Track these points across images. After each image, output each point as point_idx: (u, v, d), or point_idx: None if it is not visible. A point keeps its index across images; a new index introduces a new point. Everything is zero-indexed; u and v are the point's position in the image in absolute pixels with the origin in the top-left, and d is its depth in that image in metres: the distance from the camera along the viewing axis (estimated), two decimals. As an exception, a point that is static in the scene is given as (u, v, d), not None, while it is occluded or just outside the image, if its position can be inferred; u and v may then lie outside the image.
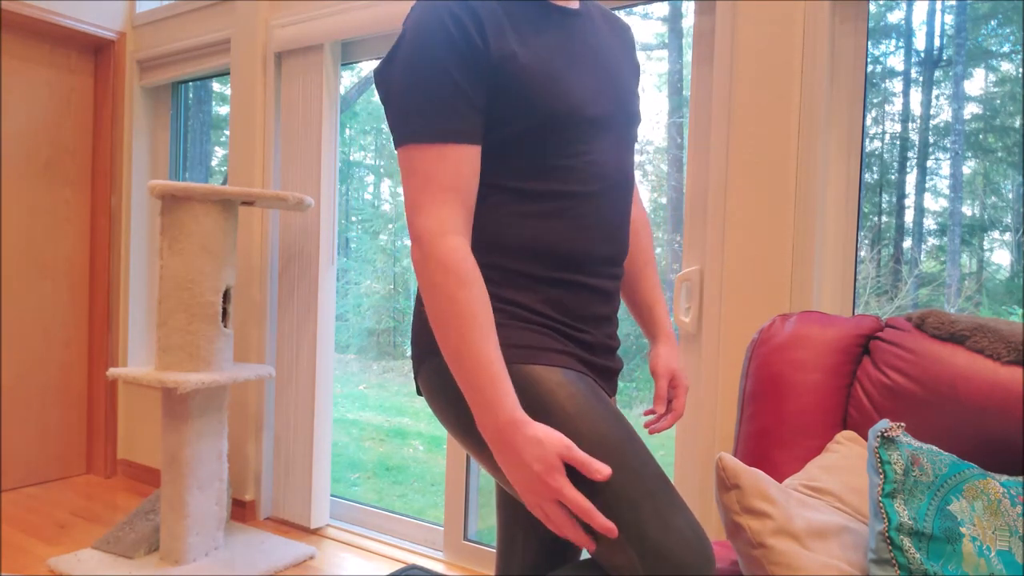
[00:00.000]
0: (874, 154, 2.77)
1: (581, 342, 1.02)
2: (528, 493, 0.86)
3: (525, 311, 0.98)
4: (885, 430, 1.02)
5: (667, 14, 5.00)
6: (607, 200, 1.01)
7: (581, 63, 1.00)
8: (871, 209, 2.88)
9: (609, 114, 1.01)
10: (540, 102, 0.94)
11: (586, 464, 0.84)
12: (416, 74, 0.91)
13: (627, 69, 1.09)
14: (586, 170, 0.99)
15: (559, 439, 0.85)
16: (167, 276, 2.21)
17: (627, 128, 1.06)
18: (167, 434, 2.23)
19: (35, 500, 2.88)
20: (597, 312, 1.04)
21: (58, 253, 3.10)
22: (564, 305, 1.00)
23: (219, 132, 4.40)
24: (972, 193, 2.93)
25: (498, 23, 0.94)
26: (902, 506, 0.97)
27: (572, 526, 0.85)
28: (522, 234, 0.97)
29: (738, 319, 1.74)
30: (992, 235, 2.93)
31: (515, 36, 0.95)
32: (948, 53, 2.79)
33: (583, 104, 0.98)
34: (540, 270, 0.98)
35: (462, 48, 0.91)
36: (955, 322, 1.23)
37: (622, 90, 1.05)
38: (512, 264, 0.98)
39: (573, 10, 1.03)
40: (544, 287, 0.99)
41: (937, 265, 3.00)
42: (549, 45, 0.98)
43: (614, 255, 1.04)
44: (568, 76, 0.97)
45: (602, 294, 1.04)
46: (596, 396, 0.94)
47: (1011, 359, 1.14)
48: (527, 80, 0.93)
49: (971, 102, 2.84)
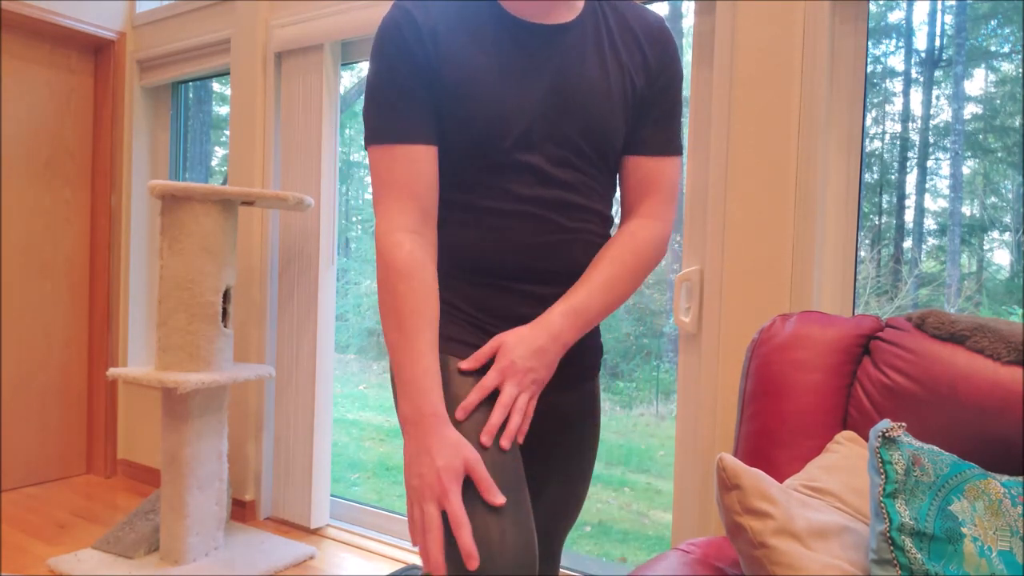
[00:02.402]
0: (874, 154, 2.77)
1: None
2: (419, 488, 0.86)
3: (449, 307, 1.02)
4: (886, 430, 1.02)
5: (667, 14, 5.00)
6: (527, 220, 0.99)
7: (529, 81, 0.97)
8: (871, 209, 2.88)
9: (549, 137, 0.98)
10: (464, 117, 0.96)
11: (486, 484, 0.86)
12: (373, 78, 0.97)
13: (613, 83, 1.02)
14: (507, 189, 0.98)
15: (471, 451, 0.87)
16: (167, 276, 2.21)
17: (581, 143, 1.00)
18: (167, 434, 2.23)
19: (35, 500, 2.88)
20: (525, 313, 1.02)
21: (58, 253, 3.10)
22: (487, 304, 1.01)
23: (219, 132, 4.40)
24: (972, 193, 2.93)
25: (443, 31, 0.96)
26: (903, 506, 0.97)
27: (435, 535, 0.84)
28: (443, 240, 1.02)
29: (738, 319, 1.74)
30: (992, 235, 2.93)
31: (457, 48, 0.96)
32: (948, 53, 2.79)
33: (511, 124, 0.96)
34: (460, 273, 1.02)
35: (408, 50, 0.95)
36: (955, 322, 1.23)
37: (581, 107, 0.99)
38: (441, 265, 1.03)
39: (546, 26, 1.00)
40: (462, 285, 1.02)
41: (937, 265, 3.00)
42: (493, 62, 0.96)
43: (538, 269, 1.01)
44: (502, 95, 0.96)
45: (530, 296, 1.02)
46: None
47: (1011, 359, 1.14)
48: (456, 94, 0.95)
49: (971, 102, 2.84)
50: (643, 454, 4.70)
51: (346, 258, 6.81)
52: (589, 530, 3.70)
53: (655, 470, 4.46)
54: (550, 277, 1.02)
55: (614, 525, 3.77)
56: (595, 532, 3.68)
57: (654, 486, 4.28)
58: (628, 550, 3.49)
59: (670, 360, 5.05)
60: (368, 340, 6.93)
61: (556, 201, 1.00)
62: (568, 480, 1.13)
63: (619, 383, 5.31)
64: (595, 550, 3.48)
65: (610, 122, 1.02)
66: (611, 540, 3.59)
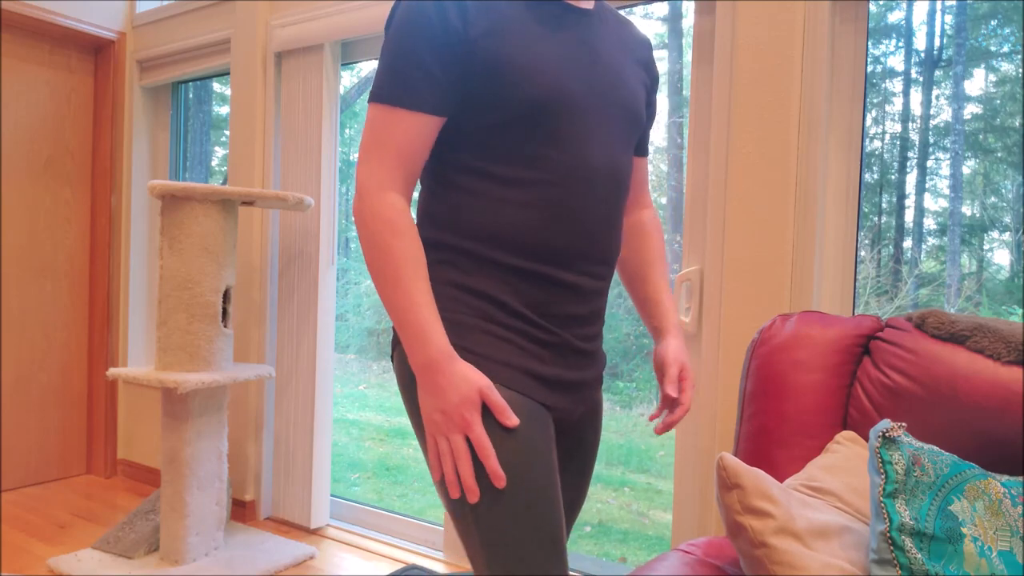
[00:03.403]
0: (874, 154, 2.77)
1: (546, 343, 1.00)
2: (440, 423, 0.91)
3: (489, 303, 0.98)
4: (886, 430, 1.02)
5: (667, 14, 5.00)
6: (588, 195, 0.99)
7: (574, 57, 0.99)
8: (871, 209, 2.88)
9: (599, 109, 1.00)
10: (518, 89, 0.94)
11: (501, 408, 0.91)
12: (393, 41, 0.96)
13: (632, 74, 1.08)
14: (565, 162, 0.97)
15: (482, 377, 0.92)
16: (167, 276, 2.21)
17: (624, 126, 1.04)
18: (167, 434, 2.23)
19: (35, 500, 2.88)
20: (569, 311, 1.02)
21: (58, 253, 3.10)
22: (532, 300, 0.99)
23: (219, 132, 4.40)
24: (972, 193, 2.93)
25: (484, 7, 0.95)
26: (903, 506, 0.97)
27: (466, 460, 0.90)
28: (496, 221, 0.98)
29: (738, 319, 1.74)
30: (992, 235, 2.93)
31: (501, 22, 0.95)
32: (948, 53, 2.79)
33: (566, 96, 0.97)
34: (511, 259, 0.98)
35: (437, 26, 0.93)
36: (955, 322, 1.23)
37: (622, 89, 1.04)
38: (483, 251, 0.98)
39: (580, 8, 1.03)
40: (513, 278, 0.99)
41: (937, 265, 3.00)
42: (538, 35, 0.97)
43: (593, 252, 1.02)
44: (553, 67, 0.97)
45: (576, 292, 1.02)
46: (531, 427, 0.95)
47: (1011, 359, 1.14)
48: (506, 67, 0.94)
49: (971, 102, 2.84)
50: (643, 454, 4.70)
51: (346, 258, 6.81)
52: (589, 530, 3.70)
53: (655, 470, 4.46)
54: (601, 259, 1.04)
55: (614, 525, 3.77)
56: (595, 532, 3.68)
57: (654, 486, 4.28)
58: (628, 550, 3.49)
59: (670, 360, 5.04)
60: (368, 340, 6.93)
61: (618, 178, 1.04)
62: (574, 481, 1.14)
63: (619, 383, 5.31)
64: (595, 550, 3.48)
65: (640, 105, 1.08)
66: (611, 540, 3.59)
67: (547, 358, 1.00)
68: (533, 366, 0.99)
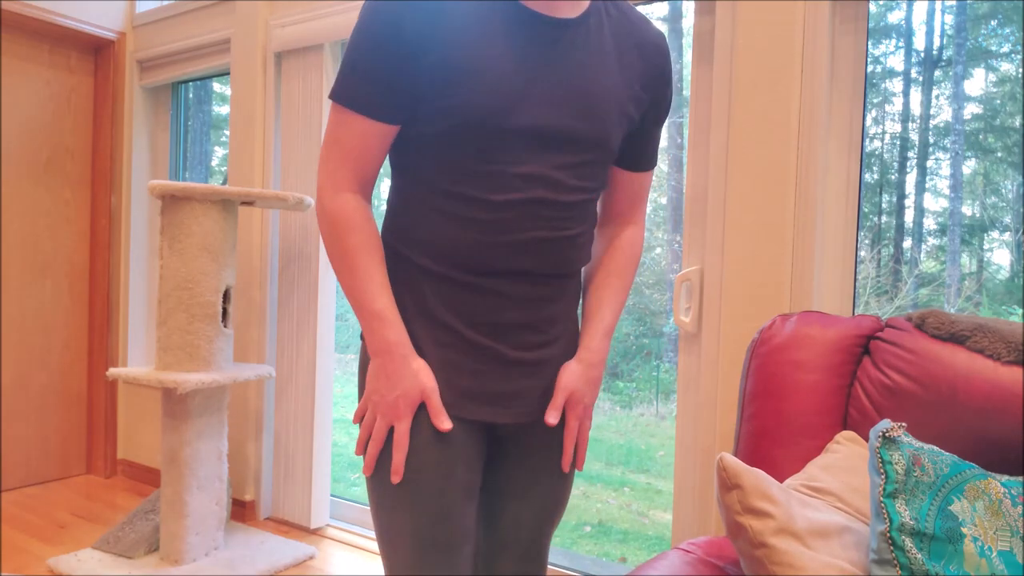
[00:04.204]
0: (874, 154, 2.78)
1: (474, 353, 1.00)
2: (377, 404, 0.98)
3: (418, 311, 1.01)
4: (886, 430, 1.02)
5: (667, 14, 5.00)
6: (528, 215, 0.97)
7: (534, 73, 0.95)
8: (871, 209, 2.89)
9: (552, 129, 0.96)
10: (461, 104, 0.93)
11: (436, 411, 0.97)
12: (352, 43, 0.97)
13: (614, 88, 1.01)
14: (506, 181, 0.95)
15: (429, 380, 0.97)
16: (167, 276, 2.21)
17: (580, 148, 0.99)
18: (167, 434, 2.23)
19: (35, 500, 2.88)
20: (512, 319, 1.01)
21: (58, 253, 3.10)
22: (470, 310, 1.00)
23: (219, 132, 4.40)
24: (972, 193, 2.93)
25: (438, 17, 0.93)
26: (903, 506, 0.97)
27: (378, 445, 0.98)
28: (434, 231, 0.99)
29: (738, 319, 1.74)
30: (992, 235, 2.93)
31: (456, 35, 0.93)
32: (948, 53, 2.79)
33: (511, 114, 0.94)
34: (448, 270, 1.00)
35: (391, 35, 0.93)
36: (955, 322, 1.23)
37: (589, 109, 0.98)
38: (421, 259, 1.01)
39: (556, 19, 0.97)
40: (441, 286, 1.00)
41: (937, 265, 3.00)
42: (493, 49, 0.94)
43: (532, 269, 1.00)
44: (504, 83, 0.94)
45: (519, 301, 1.01)
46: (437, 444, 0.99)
47: (1011, 359, 1.14)
48: (448, 81, 0.93)
49: (971, 102, 2.84)
50: (643, 454, 4.70)
51: (346, 258, 6.78)
52: (589, 530, 3.70)
53: (655, 470, 4.46)
54: (545, 275, 1.02)
55: (614, 525, 3.77)
56: (595, 532, 3.68)
57: (654, 486, 4.28)
58: (628, 550, 3.49)
59: (670, 360, 5.05)
60: (368, 340, 6.91)
61: (553, 199, 0.99)
62: (552, 481, 1.11)
63: (619, 383, 5.31)
64: (595, 550, 3.48)
65: (607, 123, 1.01)
66: (611, 540, 3.59)
67: (473, 369, 1.01)
68: (454, 378, 1.01)
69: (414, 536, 0.97)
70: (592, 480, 4.33)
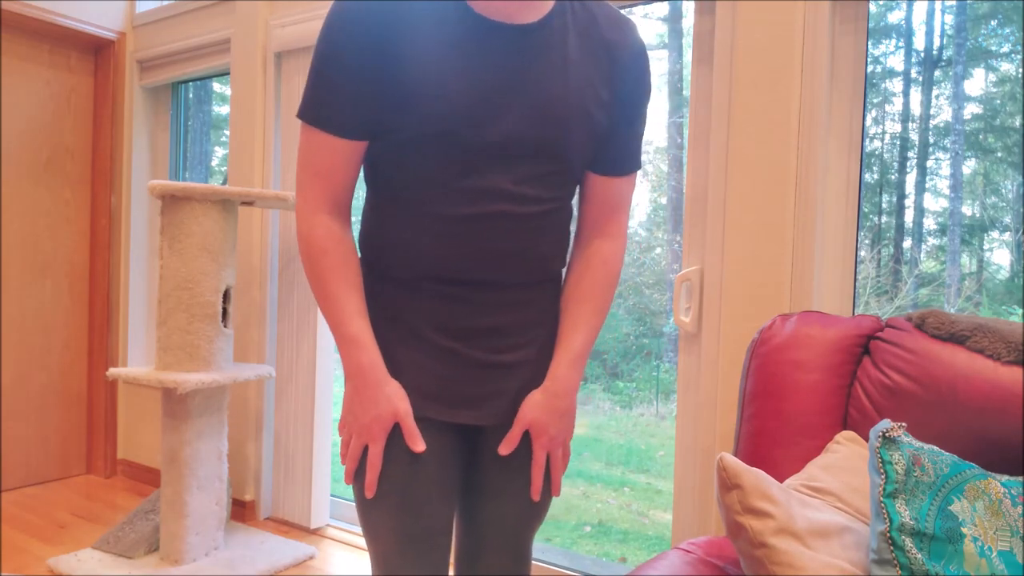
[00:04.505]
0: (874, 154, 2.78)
1: (445, 358, 1.01)
2: (352, 424, 1.00)
3: (388, 318, 1.02)
4: (886, 430, 1.02)
5: (667, 14, 5.00)
6: (492, 228, 0.97)
7: (493, 85, 0.93)
8: (871, 209, 2.89)
9: (511, 142, 0.95)
10: (420, 120, 0.93)
11: (411, 433, 0.99)
12: (314, 59, 0.96)
13: (577, 95, 0.98)
14: (468, 195, 0.95)
15: (403, 404, 0.99)
16: (167, 276, 2.21)
17: (542, 159, 0.98)
18: (167, 434, 2.23)
19: (35, 500, 2.88)
20: (482, 324, 1.01)
21: (58, 253, 3.10)
22: (440, 316, 1.01)
23: (219, 132, 4.40)
24: (972, 193, 2.93)
25: (397, 32, 0.92)
26: (903, 506, 0.97)
27: (354, 462, 1.01)
28: (401, 242, 1.00)
29: (738, 319, 1.74)
30: (992, 235, 2.93)
31: (413, 48, 0.92)
32: (948, 53, 2.79)
33: (471, 129, 0.93)
34: (416, 279, 1.01)
35: (350, 49, 0.93)
36: (955, 322, 1.23)
37: (549, 119, 0.96)
38: (390, 267, 1.02)
39: (516, 26, 0.95)
40: (420, 295, 1.01)
41: (937, 265, 3.00)
42: (454, 62, 0.93)
43: (499, 279, 1.00)
44: (462, 98, 0.92)
45: (488, 308, 1.01)
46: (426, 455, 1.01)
47: (1011, 359, 1.14)
48: (411, 95, 0.92)
49: (971, 102, 2.85)
50: (643, 454, 4.70)
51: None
52: (589, 530, 3.70)
53: (655, 470, 4.46)
54: (509, 283, 1.02)
55: (614, 525, 3.77)
56: (595, 532, 3.68)
57: (654, 486, 4.28)
58: (628, 550, 3.49)
59: (670, 360, 5.05)
60: (368, 340, 6.91)
61: (517, 212, 0.98)
62: (529, 482, 1.10)
63: (619, 383, 5.31)
64: (595, 550, 3.48)
65: (569, 132, 0.98)
66: (611, 540, 3.60)
67: (444, 372, 1.02)
68: (425, 381, 1.02)
69: (392, 531, 1.00)
70: (592, 480, 4.33)
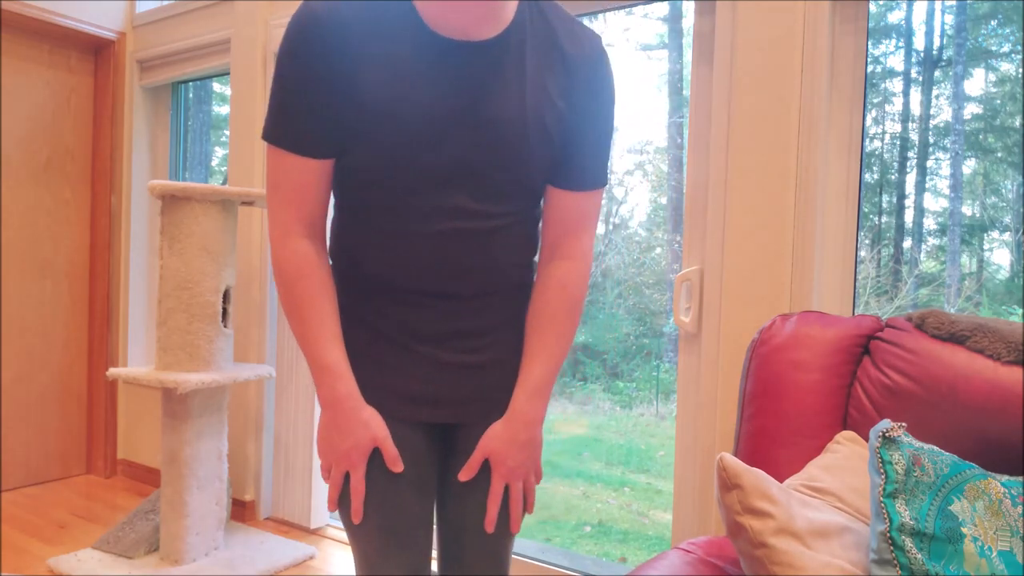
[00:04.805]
0: (874, 154, 2.78)
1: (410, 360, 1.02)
2: (329, 454, 1.01)
3: (355, 322, 1.03)
4: (886, 430, 1.02)
5: (667, 14, 5.00)
6: (450, 246, 0.98)
7: (447, 104, 0.93)
8: (871, 209, 2.89)
9: (466, 161, 0.95)
10: (375, 141, 0.93)
11: (391, 456, 1.00)
12: (279, 78, 0.94)
13: (532, 110, 0.97)
14: (424, 214, 0.96)
15: (380, 429, 0.99)
16: (167, 276, 2.21)
17: (498, 177, 0.97)
18: (167, 434, 2.23)
19: (35, 500, 2.88)
20: (448, 328, 1.02)
21: (58, 253, 3.10)
22: (407, 321, 1.02)
23: (219, 132, 4.40)
24: (972, 193, 2.93)
25: (353, 48, 0.91)
26: (903, 506, 0.97)
27: (337, 489, 1.01)
28: (363, 255, 1.01)
29: (738, 319, 1.74)
30: (992, 235, 2.93)
31: (367, 68, 0.92)
32: (948, 53, 2.79)
33: (425, 149, 0.93)
34: (380, 288, 1.01)
35: (305, 68, 0.92)
36: (955, 322, 1.23)
37: (504, 136, 0.96)
38: (357, 276, 1.03)
39: (469, 43, 0.94)
40: (385, 302, 1.02)
41: (937, 265, 3.00)
42: (408, 83, 0.92)
43: (460, 292, 1.01)
44: (416, 119, 0.92)
45: (451, 315, 1.02)
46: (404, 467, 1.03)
47: (1011, 359, 1.14)
48: (366, 116, 0.92)
49: (971, 102, 2.84)
50: (643, 454, 4.70)
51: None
52: (589, 530, 3.70)
53: (655, 470, 4.47)
54: (469, 294, 1.02)
55: (614, 525, 3.77)
56: (595, 532, 3.68)
57: (654, 486, 4.28)
58: (628, 550, 3.49)
59: (670, 360, 5.05)
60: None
61: (473, 228, 0.98)
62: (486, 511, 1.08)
63: (619, 383, 5.31)
64: (595, 550, 3.48)
65: (523, 150, 0.97)
66: (611, 540, 3.60)
67: (413, 373, 1.03)
68: (394, 383, 1.03)
69: (372, 531, 1.02)
70: (592, 480, 4.34)
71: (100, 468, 3.20)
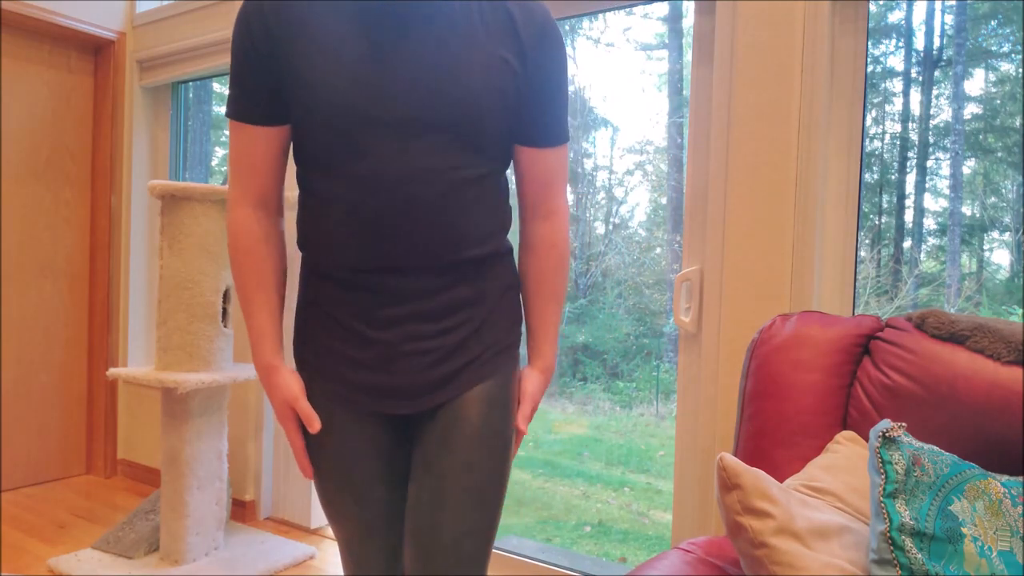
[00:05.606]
0: (874, 154, 2.78)
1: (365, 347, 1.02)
2: (276, 416, 1.09)
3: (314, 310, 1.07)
4: (886, 430, 1.02)
5: (667, 14, 5.00)
6: (389, 205, 0.96)
7: (390, 61, 0.94)
8: (871, 209, 2.89)
9: (414, 117, 0.95)
10: (310, 102, 0.95)
11: (307, 417, 1.04)
12: (230, 58, 1.01)
13: (481, 63, 0.97)
14: (361, 172, 0.95)
15: (290, 390, 1.05)
16: (167, 276, 2.21)
17: (450, 132, 0.97)
18: (167, 434, 2.23)
19: (35, 500, 2.88)
20: (390, 314, 1.01)
21: (58, 253, 3.10)
22: (362, 307, 1.02)
23: (219, 132, 4.40)
24: (972, 193, 2.93)
25: (289, 17, 0.96)
26: (903, 506, 0.97)
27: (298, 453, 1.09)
28: (321, 232, 1.03)
29: (738, 319, 1.74)
30: (992, 235, 2.93)
31: (304, 32, 0.95)
32: (948, 53, 2.79)
33: (370, 107, 0.93)
34: (336, 269, 1.03)
35: (246, 40, 0.98)
36: (955, 322, 1.23)
37: (452, 90, 0.96)
38: (315, 260, 1.05)
39: (412, 2, 0.95)
40: (342, 287, 1.03)
41: (937, 265, 3.00)
42: (349, 42, 0.94)
43: (420, 264, 0.99)
44: (359, 77, 0.93)
45: (409, 295, 1.00)
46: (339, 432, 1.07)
47: (1011, 359, 1.14)
48: (307, 78, 0.95)
49: (971, 102, 2.84)
50: (643, 454, 4.70)
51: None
52: (589, 530, 3.70)
53: (655, 470, 4.46)
54: (430, 271, 1.01)
55: (614, 525, 3.77)
56: (595, 532, 3.68)
57: (654, 486, 4.28)
58: (628, 550, 3.49)
59: (670, 360, 5.05)
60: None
61: (428, 192, 0.97)
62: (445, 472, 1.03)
63: (619, 383, 5.31)
64: (595, 550, 3.48)
65: (473, 101, 0.97)
66: (611, 540, 3.60)
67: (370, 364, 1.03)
68: (354, 375, 1.04)
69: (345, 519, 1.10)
70: (592, 480, 4.34)
71: (100, 468, 3.20)
